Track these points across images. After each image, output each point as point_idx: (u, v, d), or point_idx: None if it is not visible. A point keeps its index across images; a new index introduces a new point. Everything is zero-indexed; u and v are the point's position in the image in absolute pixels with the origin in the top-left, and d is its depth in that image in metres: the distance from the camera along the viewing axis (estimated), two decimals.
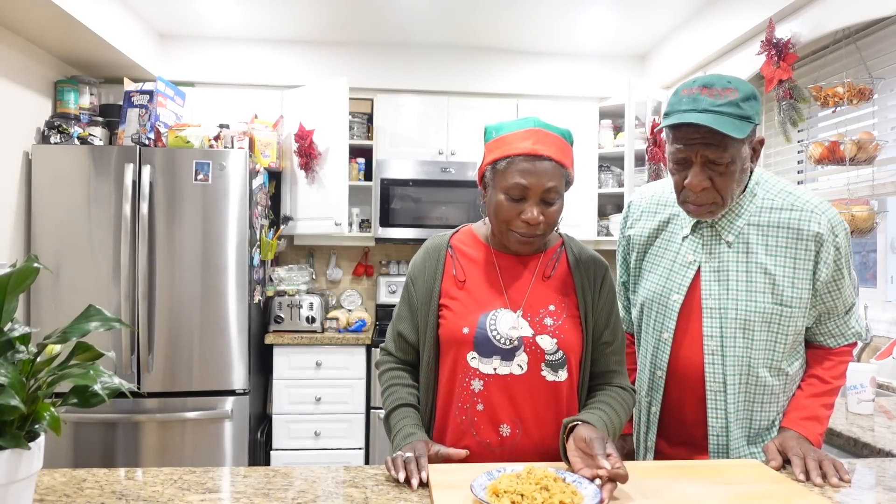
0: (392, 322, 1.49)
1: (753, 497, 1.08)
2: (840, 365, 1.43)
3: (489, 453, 1.31)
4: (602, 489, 1.05)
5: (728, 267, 1.37)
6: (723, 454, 1.40)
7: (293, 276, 3.66)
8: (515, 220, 1.29)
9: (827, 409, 1.40)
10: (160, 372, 3.05)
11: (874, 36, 2.46)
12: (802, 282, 1.34)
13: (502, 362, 1.30)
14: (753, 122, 1.25)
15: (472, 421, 1.32)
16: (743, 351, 1.36)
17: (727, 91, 1.23)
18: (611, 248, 4.03)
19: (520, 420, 1.30)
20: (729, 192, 1.30)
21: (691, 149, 1.27)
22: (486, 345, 1.31)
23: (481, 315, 1.33)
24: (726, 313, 1.36)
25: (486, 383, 1.31)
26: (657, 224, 1.50)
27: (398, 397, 1.39)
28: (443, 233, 1.49)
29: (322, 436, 3.43)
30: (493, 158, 1.31)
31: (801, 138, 2.79)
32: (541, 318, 1.33)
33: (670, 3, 3.19)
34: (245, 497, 1.08)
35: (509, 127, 1.32)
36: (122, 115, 3.31)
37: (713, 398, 1.39)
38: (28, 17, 2.76)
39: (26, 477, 0.88)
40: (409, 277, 1.46)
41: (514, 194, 1.28)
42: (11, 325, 0.90)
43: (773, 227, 1.35)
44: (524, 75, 3.95)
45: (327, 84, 3.59)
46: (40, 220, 3.01)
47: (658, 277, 1.47)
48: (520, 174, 1.26)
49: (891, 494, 1.13)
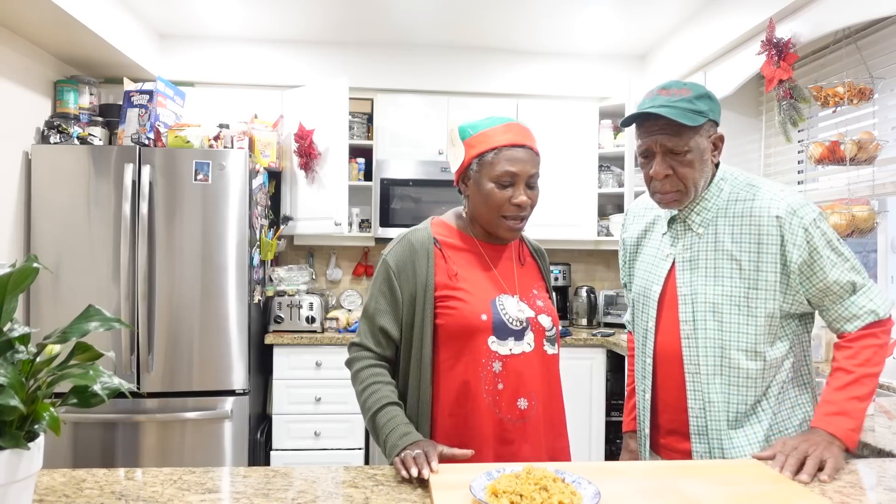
0: (367, 317, 1.47)
1: (753, 497, 1.08)
2: (863, 350, 1.38)
3: (511, 427, 1.40)
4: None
5: (698, 256, 1.47)
6: (703, 436, 1.44)
7: (293, 276, 3.66)
8: (505, 205, 1.42)
9: (859, 402, 1.34)
10: (160, 372, 3.05)
11: (874, 36, 2.46)
12: (769, 265, 1.39)
13: (516, 342, 1.42)
14: (707, 116, 1.38)
15: (494, 400, 1.40)
16: (715, 333, 1.43)
17: (682, 91, 1.39)
18: (611, 248, 4.04)
19: (534, 393, 1.43)
20: (691, 181, 1.41)
21: (651, 138, 1.41)
22: (502, 328, 1.41)
23: (491, 301, 1.43)
24: (696, 298, 1.45)
25: (504, 364, 1.41)
26: (644, 226, 1.63)
27: (383, 395, 1.39)
28: (419, 227, 1.52)
29: (322, 436, 3.43)
30: (478, 151, 1.43)
31: (802, 138, 2.79)
32: (534, 299, 1.49)
33: (670, 2, 3.19)
34: (245, 497, 1.08)
35: (484, 124, 1.45)
36: (122, 115, 3.31)
37: (691, 380, 1.45)
38: (28, 17, 2.76)
39: (26, 477, 0.88)
40: (390, 271, 1.45)
41: (504, 181, 1.41)
42: (11, 325, 0.90)
43: (738, 217, 1.44)
44: (524, 75, 3.95)
45: (327, 84, 3.59)
46: (40, 220, 3.01)
47: (643, 273, 1.58)
48: (508, 162, 1.41)
49: (891, 494, 1.13)
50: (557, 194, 3.88)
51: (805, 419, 1.46)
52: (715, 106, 1.42)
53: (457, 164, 1.47)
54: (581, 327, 3.98)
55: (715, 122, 1.43)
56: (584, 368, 3.53)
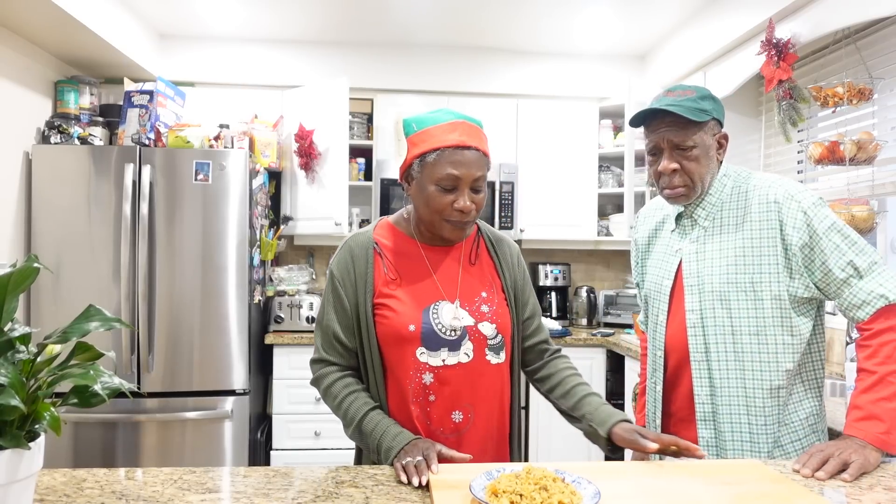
0: (321, 328, 1.42)
1: (753, 497, 1.08)
2: (882, 348, 1.33)
3: (444, 440, 1.33)
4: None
5: (704, 248, 1.51)
6: (709, 422, 1.48)
7: (293, 276, 3.66)
8: (447, 209, 1.34)
9: (888, 402, 1.30)
10: (160, 372, 3.05)
11: (874, 36, 2.46)
12: (770, 248, 1.43)
13: (450, 353, 1.35)
14: (711, 115, 1.45)
15: (425, 412, 1.35)
16: (724, 320, 1.46)
17: (686, 92, 1.46)
18: (611, 248, 4.04)
19: (471, 405, 1.36)
20: (697, 176, 1.46)
21: (658, 135, 1.47)
22: (432, 339, 1.35)
23: (423, 310, 1.36)
24: (703, 287, 1.48)
25: (436, 375, 1.35)
26: (654, 225, 1.67)
27: (362, 403, 1.35)
28: (362, 230, 1.48)
29: (322, 436, 3.43)
30: (420, 151, 1.34)
31: (801, 138, 2.79)
32: (477, 305, 1.40)
33: (670, 3, 3.19)
34: (245, 497, 1.08)
35: (430, 120, 1.36)
36: (122, 115, 3.31)
37: (697, 367, 1.48)
38: (28, 17, 2.76)
39: (26, 477, 0.88)
40: (334, 280, 1.41)
41: (446, 185, 1.32)
42: (11, 325, 0.90)
43: (740, 208, 1.49)
44: (524, 75, 3.95)
45: (327, 84, 3.59)
46: (40, 220, 3.01)
47: (654, 269, 1.62)
48: (451, 165, 1.31)
49: (891, 494, 1.13)
50: (557, 194, 3.88)
51: (811, 414, 1.47)
52: (718, 107, 1.48)
53: (400, 161, 1.40)
54: (581, 327, 3.98)
55: (719, 121, 1.49)
56: (583, 368, 3.52)
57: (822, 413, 1.51)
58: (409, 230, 1.46)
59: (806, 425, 1.46)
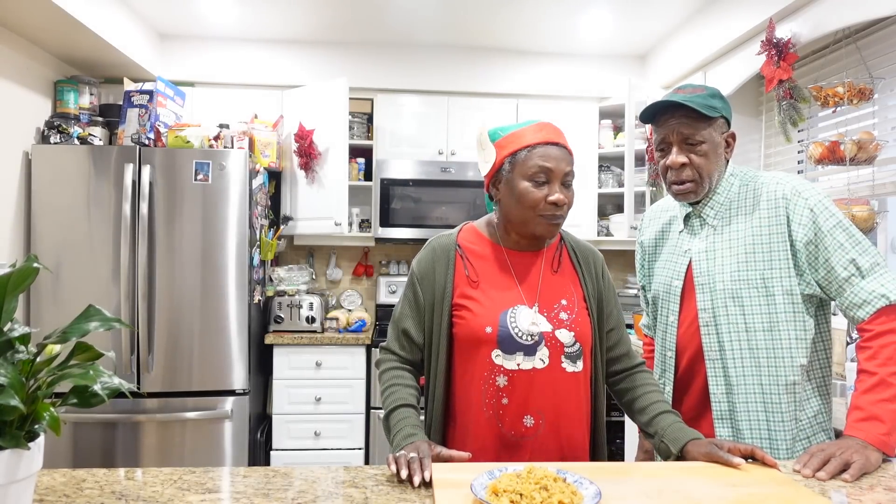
0: (394, 320, 1.49)
1: (757, 499, 1.08)
2: (882, 349, 1.34)
3: (515, 444, 1.36)
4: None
5: (714, 246, 1.51)
6: (726, 420, 1.48)
7: (293, 276, 3.66)
8: (541, 203, 1.36)
9: (888, 404, 1.30)
10: (160, 372, 3.05)
11: (874, 36, 2.46)
12: (778, 244, 1.43)
13: (525, 357, 1.36)
14: (720, 112, 1.46)
15: (497, 414, 1.36)
16: (737, 318, 1.46)
17: (696, 90, 1.48)
18: (611, 248, 4.04)
19: (543, 411, 1.36)
20: (706, 171, 1.47)
21: (668, 128, 1.48)
22: (509, 342, 1.36)
23: (501, 313, 1.37)
24: (715, 286, 1.49)
25: (510, 378, 1.36)
26: (660, 227, 1.68)
27: (399, 397, 1.39)
28: (446, 232, 1.51)
29: (322, 436, 3.43)
30: (510, 151, 1.38)
31: (801, 138, 2.79)
32: (556, 312, 1.40)
33: (670, 3, 3.19)
34: (245, 497, 1.08)
35: (516, 126, 1.41)
36: (122, 115, 3.31)
37: (712, 366, 1.49)
38: (28, 17, 2.76)
39: (26, 477, 0.88)
40: (414, 277, 1.47)
41: (539, 178, 1.36)
42: (11, 325, 0.90)
43: (749, 205, 1.50)
44: (524, 75, 3.95)
45: (327, 84, 3.59)
46: (40, 220, 3.01)
47: (663, 271, 1.62)
48: (542, 159, 1.36)
49: (891, 494, 1.13)
50: None
51: (819, 412, 1.48)
52: (727, 106, 1.50)
53: (487, 167, 1.43)
54: None
55: (727, 120, 1.50)
56: None
57: (830, 411, 1.52)
58: (495, 234, 1.48)
59: (815, 423, 1.48)
